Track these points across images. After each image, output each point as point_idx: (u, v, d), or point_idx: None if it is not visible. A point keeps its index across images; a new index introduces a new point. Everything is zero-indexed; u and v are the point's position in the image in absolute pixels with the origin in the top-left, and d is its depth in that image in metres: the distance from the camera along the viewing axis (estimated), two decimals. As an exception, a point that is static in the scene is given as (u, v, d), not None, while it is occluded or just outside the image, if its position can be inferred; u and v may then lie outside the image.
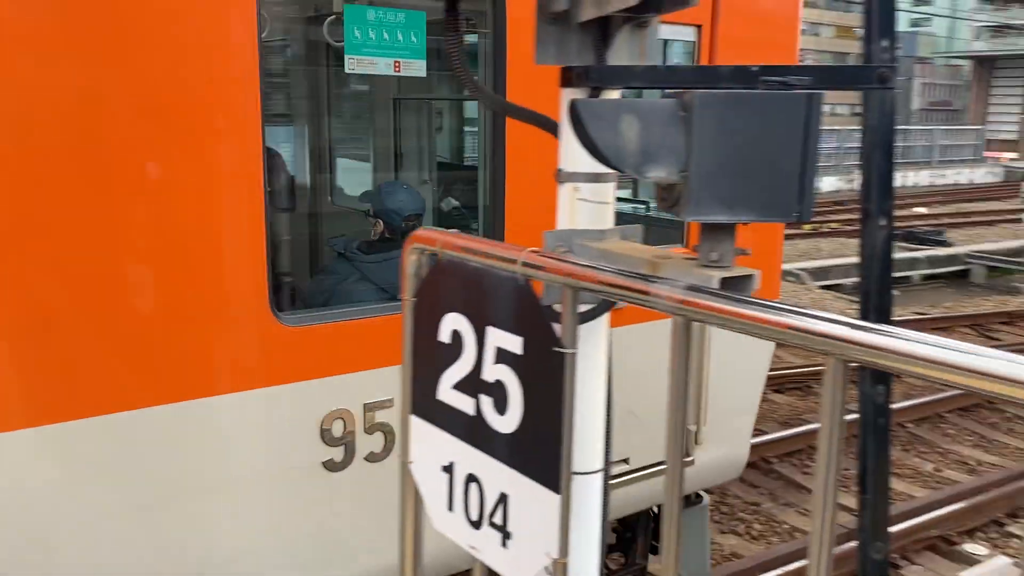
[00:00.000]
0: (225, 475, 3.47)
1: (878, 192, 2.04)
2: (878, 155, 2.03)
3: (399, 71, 3.83)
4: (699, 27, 4.73)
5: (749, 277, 1.90)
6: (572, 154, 2.28)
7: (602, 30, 2.14)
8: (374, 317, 3.73)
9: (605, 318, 2.27)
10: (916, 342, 1.18)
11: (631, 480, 4.88)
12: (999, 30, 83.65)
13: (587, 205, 2.34)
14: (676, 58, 5.15)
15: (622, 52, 2.24)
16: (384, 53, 3.77)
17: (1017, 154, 53.38)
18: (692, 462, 5.22)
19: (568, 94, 2.23)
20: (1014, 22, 76.50)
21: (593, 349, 2.26)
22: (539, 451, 1.96)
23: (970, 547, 7.26)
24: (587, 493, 2.22)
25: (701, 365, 5.09)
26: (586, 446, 2.30)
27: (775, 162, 1.81)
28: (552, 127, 2.32)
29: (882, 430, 2.11)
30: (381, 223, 4.68)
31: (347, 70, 3.87)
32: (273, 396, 3.46)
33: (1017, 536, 7.31)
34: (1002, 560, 4.69)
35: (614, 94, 2.26)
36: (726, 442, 5.45)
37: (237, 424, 3.42)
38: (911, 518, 7.39)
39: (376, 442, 3.77)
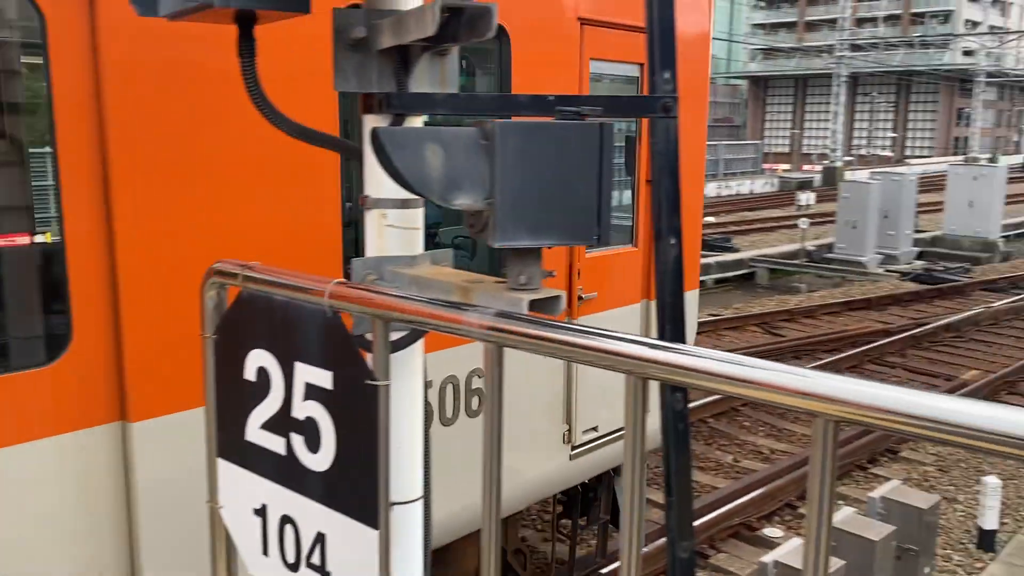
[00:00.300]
0: None
1: (667, 213, 2.16)
2: (666, 179, 2.16)
3: None
4: (641, 64, 5.48)
5: (556, 298, 1.95)
6: (377, 180, 2.26)
7: (402, 58, 2.13)
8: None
9: (419, 346, 2.26)
10: (705, 358, 1.26)
11: (598, 445, 5.75)
12: (769, 53, 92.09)
13: (396, 231, 2.32)
14: (628, 91, 5.82)
15: (423, 80, 2.25)
16: None
17: (790, 165, 58.83)
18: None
19: (370, 121, 2.21)
20: (782, 45, 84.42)
21: (407, 377, 2.24)
22: (355, 487, 1.91)
23: (769, 531, 7.86)
24: (407, 524, 2.19)
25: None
26: (404, 475, 2.27)
27: (574, 188, 1.88)
28: (356, 153, 2.29)
29: (682, 436, 2.23)
30: None
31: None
32: None
33: (804, 515, 7.99)
34: (797, 541, 5.13)
35: (417, 121, 2.27)
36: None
37: None
38: (715, 508, 7.91)
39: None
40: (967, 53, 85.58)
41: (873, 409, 1.11)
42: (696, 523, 6.95)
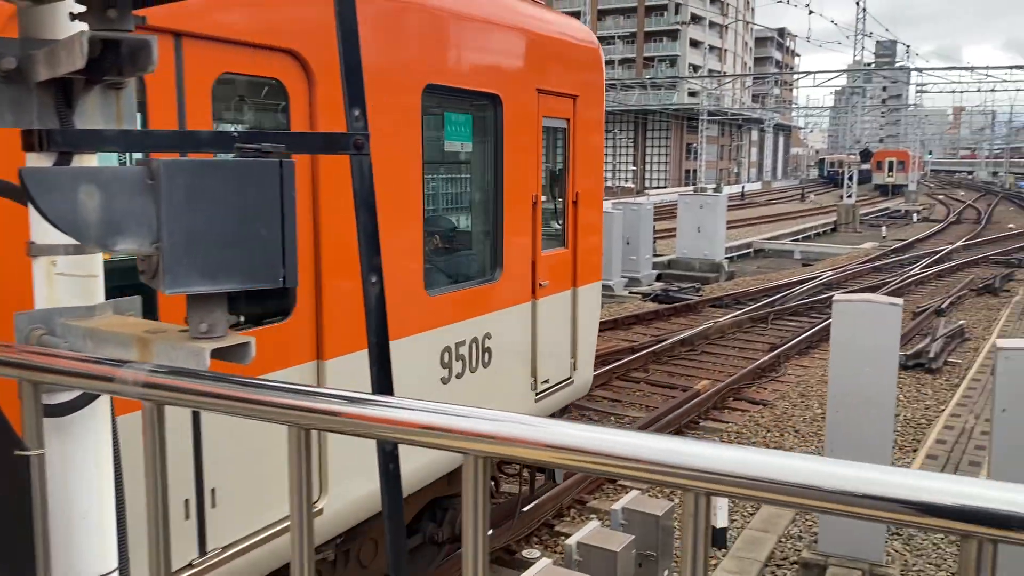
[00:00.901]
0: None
1: (366, 250, 2.14)
2: (363, 216, 2.14)
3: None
4: (568, 119, 7.49)
5: (244, 345, 1.86)
6: (44, 225, 2.04)
7: (63, 91, 1.95)
8: (464, 290, 6.37)
9: (102, 407, 2.06)
10: (360, 403, 1.24)
11: (550, 393, 7.49)
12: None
13: (69, 279, 2.11)
14: (559, 142, 7.64)
15: (95, 115, 2.07)
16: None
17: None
18: (572, 381, 7.95)
19: (33, 160, 2.00)
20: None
21: (89, 442, 2.03)
22: (15, 567, 1.69)
23: (527, 552, 8.06)
24: (94, 601, 1.98)
25: (576, 317, 7.84)
26: (94, 548, 2.05)
27: (255, 228, 1.80)
28: (16, 194, 2.07)
29: (393, 476, 2.20)
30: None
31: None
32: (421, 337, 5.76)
33: (563, 533, 8.32)
34: (545, 562, 5.30)
35: (91, 159, 2.09)
36: (584, 370, 8.22)
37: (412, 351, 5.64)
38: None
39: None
40: (692, 94, 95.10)
41: (517, 442, 1.14)
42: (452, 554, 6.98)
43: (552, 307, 7.36)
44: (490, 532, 7.35)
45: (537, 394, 7.22)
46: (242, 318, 1.92)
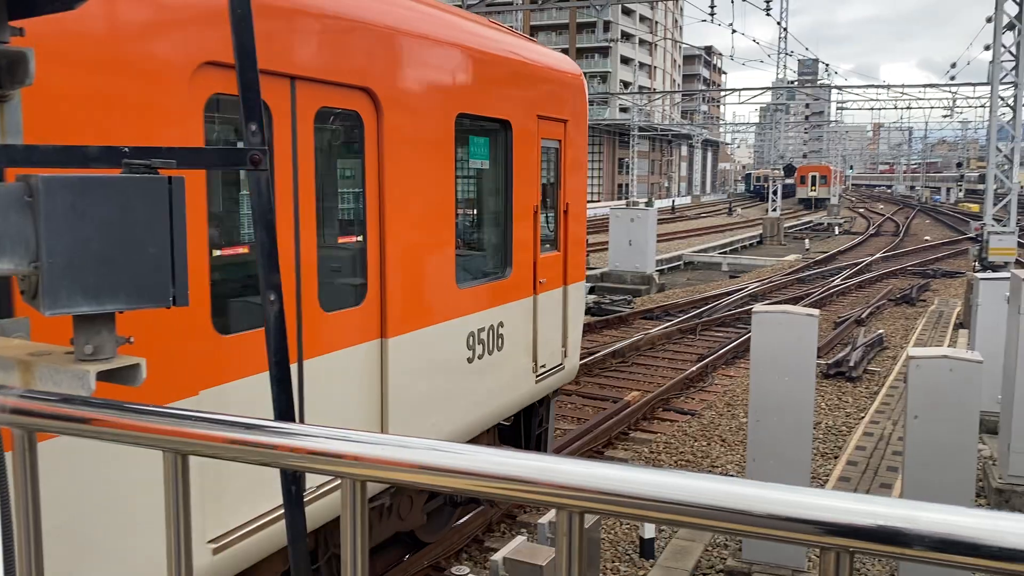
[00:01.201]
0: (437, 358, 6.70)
1: (265, 268, 2.10)
2: (262, 233, 2.10)
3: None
4: (560, 140, 8.70)
5: (135, 367, 1.80)
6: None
7: (-61, 104, 1.88)
8: (484, 284, 7.46)
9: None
10: (230, 425, 1.21)
11: (546, 376, 8.64)
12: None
13: (-50, 301, 2.02)
14: (553, 160, 8.77)
15: (-24, 128, 1.99)
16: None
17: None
18: (563, 367, 9.10)
19: (-91, 175, 1.92)
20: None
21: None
22: None
23: (456, 569, 8.00)
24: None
25: (566, 311, 9.00)
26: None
27: (143, 247, 1.75)
28: None
29: (296, 497, 2.16)
30: None
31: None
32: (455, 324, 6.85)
33: (492, 548, 8.29)
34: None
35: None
36: (572, 357, 9.31)
37: (447, 334, 6.82)
38: (409, 552, 7.91)
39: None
40: (623, 110, 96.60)
41: (397, 465, 1.12)
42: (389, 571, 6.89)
43: (548, 301, 8.64)
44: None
45: (537, 376, 8.48)
46: (132, 338, 1.87)
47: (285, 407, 2.14)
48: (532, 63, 8.14)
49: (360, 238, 5.81)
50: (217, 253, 4.94)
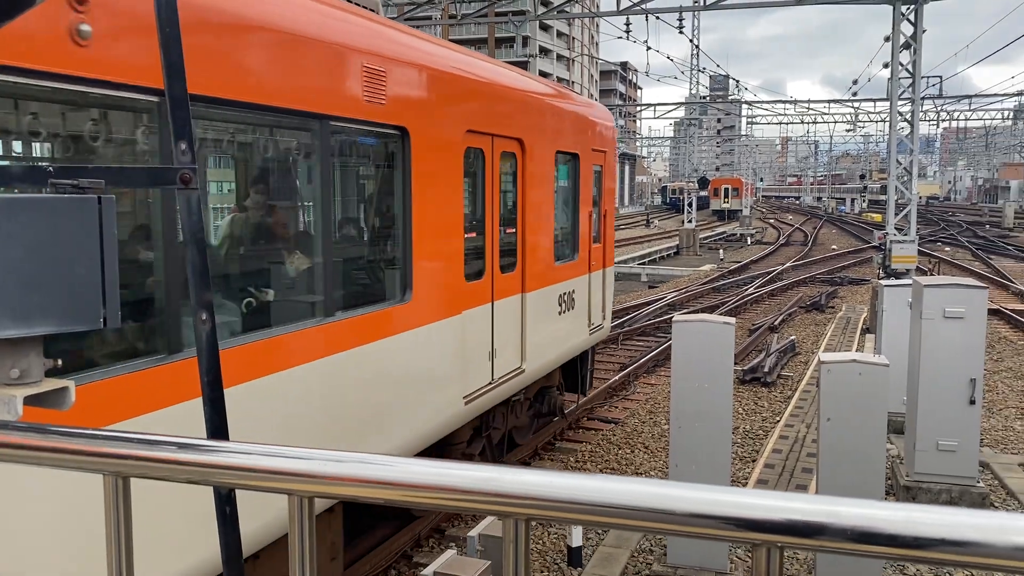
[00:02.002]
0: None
1: (196, 287, 2.08)
2: (192, 251, 2.08)
3: None
4: (602, 165, 12.19)
5: (63, 391, 1.77)
6: None
7: None
8: (565, 264, 10.80)
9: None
10: (157, 444, 1.21)
11: (594, 332, 11.91)
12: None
13: None
14: (599, 179, 12.54)
15: None
16: None
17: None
18: (603, 327, 12.52)
19: None
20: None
21: None
22: None
23: (385, 586, 7.93)
24: None
25: (605, 286, 12.50)
26: None
27: (72, 268, 1.72)
28: None
29: (230, 518, 2.14)
30: None
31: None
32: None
33: (421, 564, 8.26)
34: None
35: None
36: (607, 321, 12.92)
37: (552, 293, 10.30)
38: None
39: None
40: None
41: (340, 480, 1.15)
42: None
43: (596, 278, 12.04)
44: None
45: (590, 331, 11.83)
46: (59, 362, 1.83)
47: (218, 426, 2.13)
48: (590, 115, 11.77)
49: (513, 230, 9.17)
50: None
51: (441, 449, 8.44)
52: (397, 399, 6.75)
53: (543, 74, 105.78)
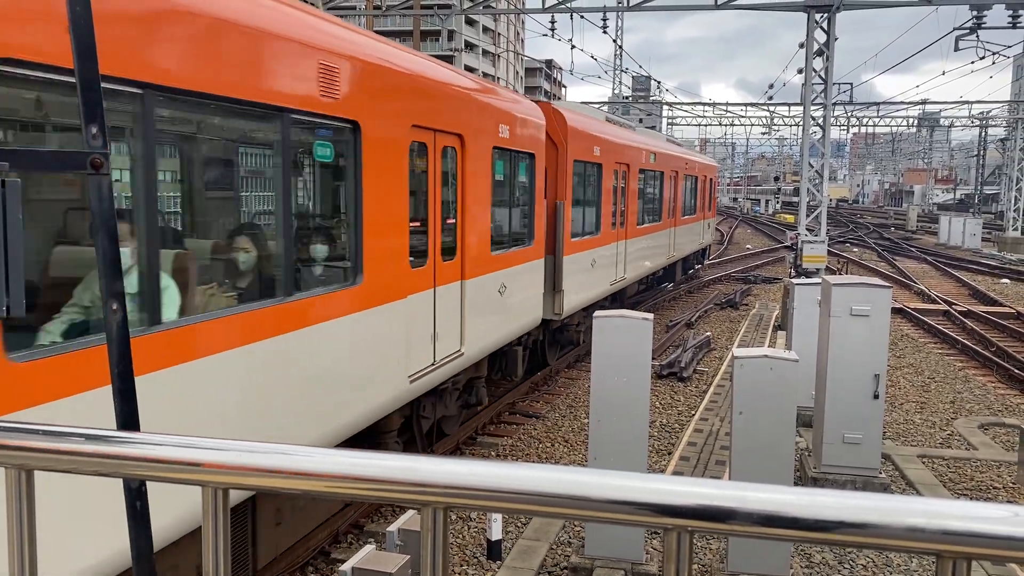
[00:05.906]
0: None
1: (106, 276, 2.01)
2: (103, 239, 2.01)
3: None
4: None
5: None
6: None
7: None
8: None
9: None
10: (68, 436, 1.17)
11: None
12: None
13: None
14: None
15: None
16: None
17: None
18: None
19: None
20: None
21: None
22: None
23: (302, 583, 7.82)
24: None
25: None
26: None
27: (-29, 253, 1.65)
28: None
29: (141, 513, 2.08)
30: None
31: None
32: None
33: (339, 560, 8.17)
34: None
35: None
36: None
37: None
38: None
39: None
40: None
41: (256, 471, 1.13)
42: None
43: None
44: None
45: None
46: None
47: (128, 418, 2.07)
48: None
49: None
50: None
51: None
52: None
53: (469, 69, 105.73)
